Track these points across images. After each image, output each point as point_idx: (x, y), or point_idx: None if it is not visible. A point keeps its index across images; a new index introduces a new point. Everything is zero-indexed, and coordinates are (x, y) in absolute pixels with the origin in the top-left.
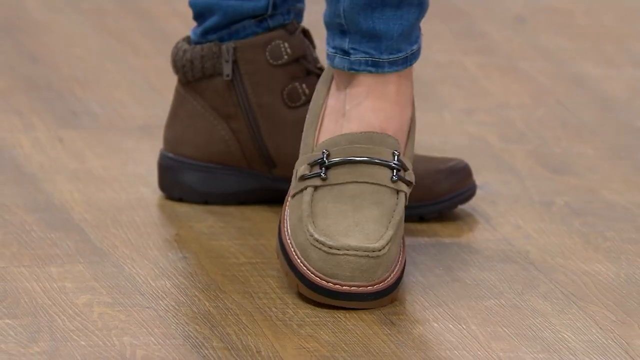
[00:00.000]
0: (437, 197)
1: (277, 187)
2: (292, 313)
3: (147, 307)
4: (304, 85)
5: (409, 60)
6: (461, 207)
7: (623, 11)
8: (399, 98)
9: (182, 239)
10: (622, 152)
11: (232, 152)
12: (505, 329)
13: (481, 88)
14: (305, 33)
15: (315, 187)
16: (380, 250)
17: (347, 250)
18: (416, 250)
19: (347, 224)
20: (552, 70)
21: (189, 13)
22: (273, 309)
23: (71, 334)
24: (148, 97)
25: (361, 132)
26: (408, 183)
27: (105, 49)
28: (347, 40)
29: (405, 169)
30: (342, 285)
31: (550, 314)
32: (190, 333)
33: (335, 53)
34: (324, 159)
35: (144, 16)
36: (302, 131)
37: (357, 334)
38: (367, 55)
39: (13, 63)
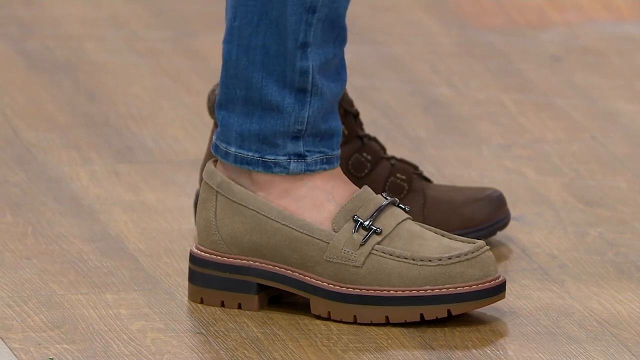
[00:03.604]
0: (478, 225)
1: None
2: (336, 339)
3: (198, 333)
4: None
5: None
6: (498, 237)
7: None
8: (341, 171)
9: None
10: None
11: None
12: (541, 355)
13: (518, 124)
14: None
15: (378, 243)
16: None
17: (481, 248)
18: None
19: (438, 244)
20: (586, 107)
21: None
22: (318, 334)
23: (126, 358)
24: (200, 132)
25: (359, 192)
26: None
27: (159, 87)
28: (302, 144)
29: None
30: (495, 280)
31: (585, 341)
32: (239, 358)
33: (290, 159)
34: (361, 220)
35: (196, 56)
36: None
37: (399, 359)
38: (322, 154)
39: (73, 101)
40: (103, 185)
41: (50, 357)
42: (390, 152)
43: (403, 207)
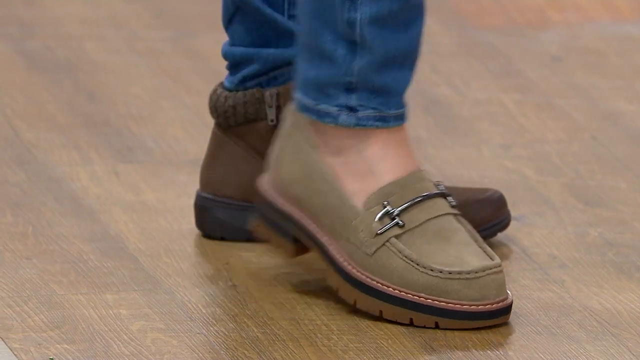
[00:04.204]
0: (478, 226)
1: None
2: (337, 339)
3: (198, 333)
4: None
5: (407, 113)
6: (498, 238)
7: None
8: (406, 141)
9: (231, 268)
10: None
11: None
12: (541, 355)
13: (518, 124)
14: None
15: (396, 236)
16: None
17: (488, 270)
18: None
19: (455, 252)
20: (587, 107)
21: None
22: (318, 335)
23: (126, 358)
24: (200, 132)
25: (406, 176)
26: (456, 206)
27: (159, 87)
28: (354, 97)
29: (450, 194)
30: (492, 304)
31: (585, 341)
32: (239, 358)
33: (340, 110)
34: (389, 209)
35: (196, 56)
36: None
37: (399, 359)
38: (375, 111)
39: (73, 101)
40: (103, 185)
41: (51, 357)
42: None
43: (451, 200)
